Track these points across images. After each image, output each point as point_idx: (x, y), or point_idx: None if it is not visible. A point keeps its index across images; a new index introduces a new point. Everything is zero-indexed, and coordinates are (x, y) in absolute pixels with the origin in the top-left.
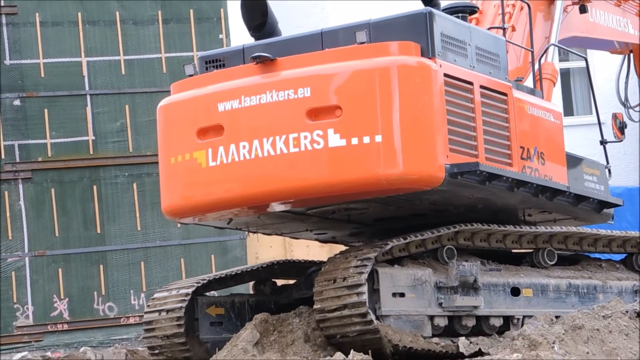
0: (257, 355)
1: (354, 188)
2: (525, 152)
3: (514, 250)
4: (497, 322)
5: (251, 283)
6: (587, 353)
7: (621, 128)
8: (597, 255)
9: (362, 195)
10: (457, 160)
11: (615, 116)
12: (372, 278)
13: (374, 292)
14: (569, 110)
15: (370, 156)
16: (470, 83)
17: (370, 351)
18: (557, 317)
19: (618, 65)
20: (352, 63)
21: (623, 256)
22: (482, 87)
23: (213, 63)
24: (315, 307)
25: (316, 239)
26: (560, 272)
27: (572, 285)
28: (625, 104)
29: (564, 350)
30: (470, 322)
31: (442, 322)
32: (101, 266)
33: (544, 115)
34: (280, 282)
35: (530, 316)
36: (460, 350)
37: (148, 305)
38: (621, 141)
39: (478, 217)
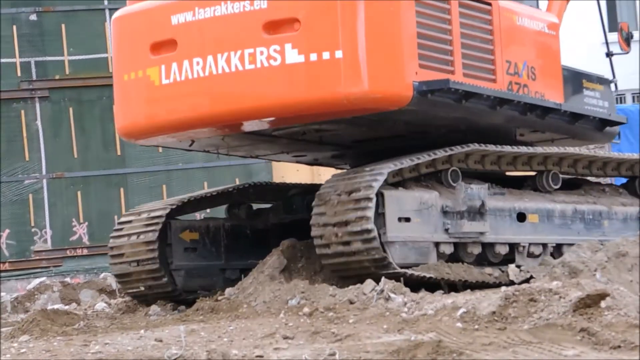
0: (284, 282)
1: (313, 108)
2: (513, 67)
3: (508, 173)
4: (503, 250)
5: (225, 206)
6: (631, 281)
7: (627, 39)
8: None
9: (323, 117)
10: (428, 77)
11: (620, 27)
12: (378, 201)
13: (379, 216)
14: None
15: (330, 73)
16: None
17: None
18: (558, 245)
19: None
20: None
21: (624, 181)
22: None
23: None
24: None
25: (297, 161)
26: (565, 197)
27: (578, 211)
28: None
29: (606, 278)
30: (476, 250)
31: (447, 249)
32: (121, 189)
33: (537, 26)
34: (256, 205)
35: (537, 244)
36: (511, 278)
37: (115, 230)
38: (627, 53)
39: (464, 138)
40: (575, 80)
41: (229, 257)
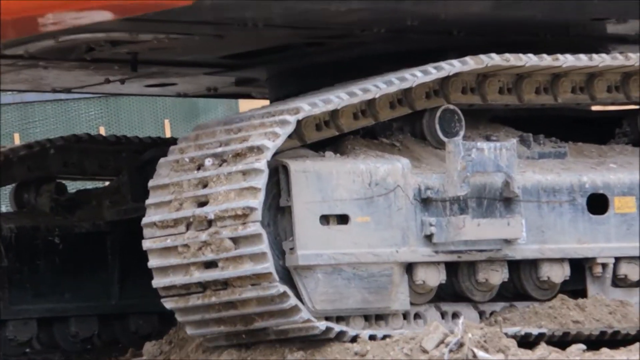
0: None
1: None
2: None
3: (593, 108)
4: (558, 274)
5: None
6: None
7: None
8: None
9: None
10: None
11: None
12: (275, 181)
13: (282, 214)
14: None
15: None
16: None
17: None
18: None
19: None
20: None
21: None
22: None
23: None
24: None
25: (178, 94)
26: None
27: None
28: None
29: None
30: (497, 276)
31: (433, 278)
32: None
33: None
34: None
35: (635, 259)
36: None
37: None
38: None
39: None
40: None
41: (13, 296)
